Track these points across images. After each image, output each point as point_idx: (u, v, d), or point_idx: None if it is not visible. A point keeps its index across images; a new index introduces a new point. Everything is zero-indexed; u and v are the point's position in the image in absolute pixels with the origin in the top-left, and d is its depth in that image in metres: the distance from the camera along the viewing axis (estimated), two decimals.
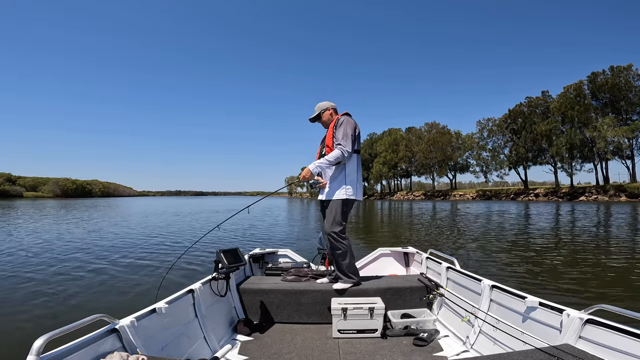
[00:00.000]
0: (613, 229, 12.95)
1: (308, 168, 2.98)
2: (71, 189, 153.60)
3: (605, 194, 45.01)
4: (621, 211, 22.91)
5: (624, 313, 1.57)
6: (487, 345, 2.27)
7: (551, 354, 1.60)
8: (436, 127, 78.31)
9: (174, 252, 8.63)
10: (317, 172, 3.00)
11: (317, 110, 3.29)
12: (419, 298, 2.95)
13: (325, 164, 2.96)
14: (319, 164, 2.96)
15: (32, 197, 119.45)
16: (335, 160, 2.96)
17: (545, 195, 52.71)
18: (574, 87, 52.72)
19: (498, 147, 67.34)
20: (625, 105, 48.61)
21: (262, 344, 2.51)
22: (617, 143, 47.52)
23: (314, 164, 2.97)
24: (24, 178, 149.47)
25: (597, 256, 7.44)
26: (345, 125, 2.99)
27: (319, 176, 3.15)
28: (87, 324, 1.54)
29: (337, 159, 2.95)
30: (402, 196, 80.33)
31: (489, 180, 72.21)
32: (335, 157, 2.94)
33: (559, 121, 55.05)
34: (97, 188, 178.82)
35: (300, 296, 2.90)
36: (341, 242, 2.98)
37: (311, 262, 4.06)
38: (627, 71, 48.10)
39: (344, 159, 2.98)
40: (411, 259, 4.09)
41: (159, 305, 2.06)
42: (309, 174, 2.98)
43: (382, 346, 2.42)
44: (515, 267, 6.58)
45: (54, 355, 1.37)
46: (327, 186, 3.09)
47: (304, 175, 3.00)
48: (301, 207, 41.99)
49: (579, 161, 54.89)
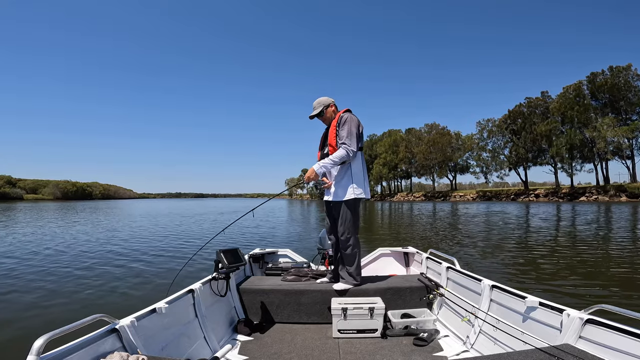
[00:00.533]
0: (613, 229, 12.94)
1: (312, 169, 2.94)
2: (71, 192, 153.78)
3: (605, 194, 44.96)
4: (622, 212, 22.89)
5: (624, 313, 1.57)
6: (487, 345, 2.26)
7: (551, 354, 1.60)
8: (436, 128, 78.34)
9: (181, 253, 8.63)
10: (322, 172, 2.95)
11: (318, 106, 3.14)
12: (419, 298, 2.94)
13: (329, 164, 2.90)
14: (323, 164, 2.90)
15: (33, 200, 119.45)
16: (340, 160, 2.89)
17: (545, 195, 52.66)
18: (573, 88, 52.74)
19: (498, 148, 67.39)
20: (625, 105, 48.61)
21: (262, 344, 2.51)
22: (617, 143, 47.49)
23: (319, 165, 2.91)
24: (24, 180, 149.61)
25: (597, 256, 7.44)
26: (350, 123, 2.92)
27: (324, 177, 3.11)
28: (87, 324, 1.54)
29: (342, 158, 2.89)
30: (402, 197, 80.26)
31: (489, 181, 72.29)
32: (340, 157, 2.87)
33: (559, 121, 55.04)
34: (97, 190, 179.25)
35: (300, 296, 2.90)
36: (353, 244, 2.97)
37: (311, 262, 4.06)
38: (626, 71, 48.12)
39: (349, 158, 2.91)
40: (411, 259, 4.09)
41: (159, 305, 2.06)
42: (313, 174, 2.93)
43: (382, 346, 2.42)
44: (515, 267, 6.58)
45: (54, 355, 1.37)
46: (333, 186, 3.04)
47: (309, 176, 2.95)
48: (301, 208, 42.00)
49: (579, 161, 54.85)
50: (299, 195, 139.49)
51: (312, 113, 3.17)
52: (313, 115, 3.17)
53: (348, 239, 2.95)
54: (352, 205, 2.97)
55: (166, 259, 7.94)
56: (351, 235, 2.96)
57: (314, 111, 3.15)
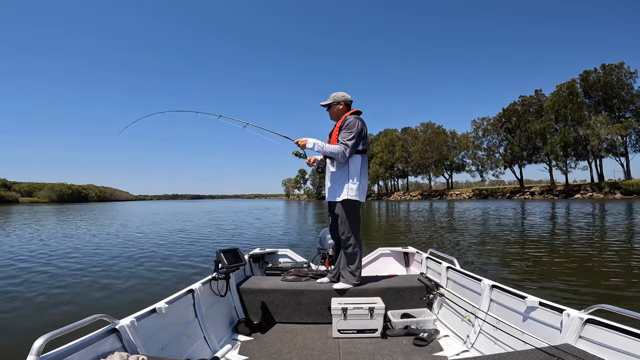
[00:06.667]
0: (611, 227, 13.02)
1: (307, 139, 3.01)
2: (67, 194, 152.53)
3: (600, 191, 45.37)
4: (617, 209, 23.07)
5: (624, 313, 1.57)
6: (487, 345, 2.27)
7: (551, 353, 1.60)
8: (432, 127, 78.70)
9: (185, 253, 8.60)
10: (310, 147, 3.00)
11: (330, 99, 3.20)
12: (419, 298, 2.95)
13: (319, 147, 2.97)
14: (316, 142, 2.98)
15: (28, 203, 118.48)
16: (330, 153, 2.96)
17: (540, 193, 53.06)
18: (566, 86, 53.20)
19: (493, 146, 67.96)
20: (618, 103, 49.13)
21: (262, 344, 2.51)
22: (611, 140, 47.96)
23: (313, 140, 2.99)
24: (19, 184, 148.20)
25: (596, 255, 7.44)
26: (352, 127, 2.95)
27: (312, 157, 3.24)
28: (87, 324, 1.54)
29: (332, 154, 2.95)
30: (399, 196, 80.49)
31: (485, 180, 72.77)
32: (331, 151, 2.93)
33: (553, 119, 55.49)
34: (93, 193, 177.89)
35: (300, 296, 2.90)
36: (354, 244, 2.99)
37: (311, 262, 4.05)
38: (619, 69, 48.64)
39: (339, 159, 2.96)
40: (411, 259, 4.10)
41: (159, 305, 2.06)
42: (304, 142, 3.01)
43: (382, 346, 2.42)
44: (515, 267, 6.58)
45: (54, 355, 1.36)
46: (331, 186, 3.09)
47: (299, 141, 3.04)
48: (298, 208, 41.98)
49: (573, 159, 55.37)
50: (296, 196, 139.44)
51: (323, 102, 3.24)
52: (323, 104, 3.25)
53: (348, 239, 2.99)
54: (348, 206, 3.00)
55: (166, 259, 7.90)
56: (351, 235, 2.99)
57: (326, 101, 3.23)
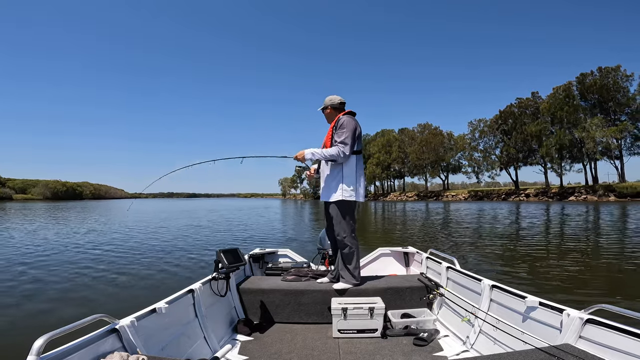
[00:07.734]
0: (608, 229, 13.12)
1: (304, 151, 3.03)
2: (61, 191, 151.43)
3: (594, 194, 45.72)
4: (611, 211, 23.28)
5: (624, 313, 1.58)
6: (487, 345, 2.27)
7: (551, 353, 1.61)
8: (428, 128, 78.91)
9: (183, 252, 8.56)
10: (309, 157, 3.03)
11: (324, 103, 3.30)
12: (419, 298, 2.95)
13: (319, 155, 2.99)
14: (314, 151, 3.00)
15: (22, 200, 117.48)
16: (329, 157, 2.97)
17: (535, 195, 53.38)
18: (563, 88, 53.49)
19: (489, 148, 68.15)
20: (614, 106, 49.44)
21: (262, 344, 2.50)
22: (606, 143, 48.30)
23: (310, 150, 3.01)
24: (13, 180, 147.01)
25: (596, 256, 7.49)
26: (345, 127, 2.98)
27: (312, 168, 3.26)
28: (87, 324, 1.53)
29: (332, 157, 2.96)
30: (395, 197, 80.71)
31: (480, 181, 73.05)
32: (330, 154, 2.95)
33: (549, 122, 55.81)
34: (87, 190, 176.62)
35: (301, 296, 2.89)
36: (350, 244, 3.00)
37: (311, 262, 4.05)
38: (615, 72, 48.96)
39: (339, 159, 2.98)
40: (411, 259, 4.10)
41: (159, 305, 2.05)
42: (302, 156, 3.03)
43: (382, 346, 2.42)
44: (515, 267, 6.62)
45: (54, 355, 1.36)
46: (324, 187, 3.10)
47: (298, 156, 3.05)
48: (295, 207, 41.93)
49: (568, 161, 55.69)
50: (292, 195, 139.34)
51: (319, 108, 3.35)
52: (319, 109, 3.35)
53: (344, 239, 3.00)
54: (342, 207, 3.01)
55: (166, 258, 7.87)
56: (347, 235, 2.99)
57: (320, 107, 3.33)
